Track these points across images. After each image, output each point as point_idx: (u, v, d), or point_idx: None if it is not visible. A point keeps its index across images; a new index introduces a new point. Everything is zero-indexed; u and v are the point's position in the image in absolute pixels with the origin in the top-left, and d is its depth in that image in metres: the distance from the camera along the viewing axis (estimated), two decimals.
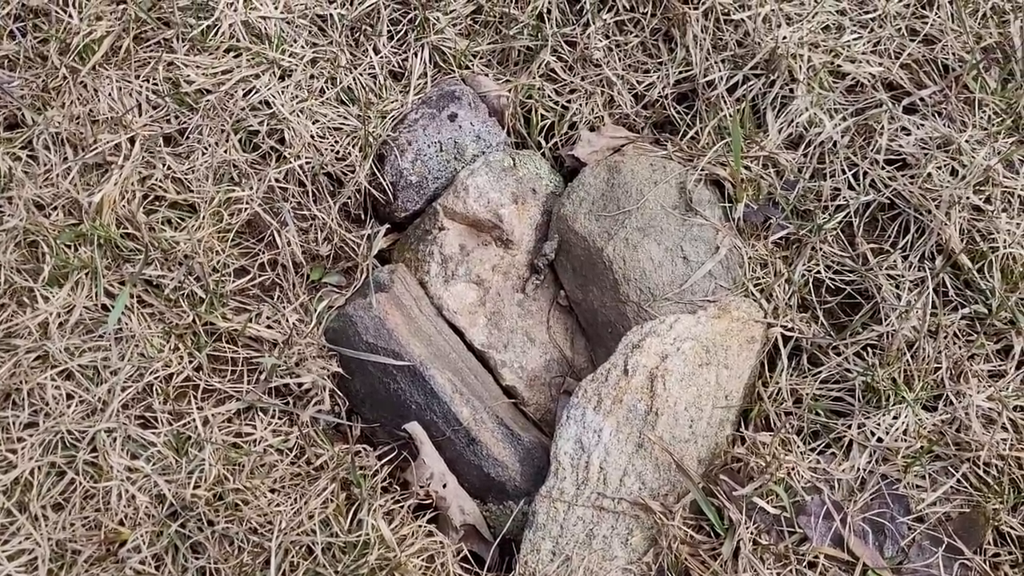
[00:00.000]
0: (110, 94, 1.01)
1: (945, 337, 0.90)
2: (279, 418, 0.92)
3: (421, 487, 0.91)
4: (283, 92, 1.03)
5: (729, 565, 0.83)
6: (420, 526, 0.89)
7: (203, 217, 0.97)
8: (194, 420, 0.88)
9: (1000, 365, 0.90)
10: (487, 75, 1.10)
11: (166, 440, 0.88)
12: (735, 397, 0.91)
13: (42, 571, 0.83)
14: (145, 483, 0.86)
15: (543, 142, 1.10)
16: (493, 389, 0.98)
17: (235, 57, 1.04)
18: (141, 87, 1.02)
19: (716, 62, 1.04)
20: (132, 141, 1.00)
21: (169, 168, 0.99)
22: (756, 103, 1.03)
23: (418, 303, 0.98)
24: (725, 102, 1.03)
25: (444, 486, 0.91)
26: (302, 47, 1.06)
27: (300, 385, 0.93)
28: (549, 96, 1.09)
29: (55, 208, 0.97)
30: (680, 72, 1.06)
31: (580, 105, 1.08)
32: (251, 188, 0.99)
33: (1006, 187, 0.94)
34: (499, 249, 1.03)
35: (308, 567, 0.84)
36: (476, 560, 0.93)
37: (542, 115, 1.09)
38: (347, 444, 0.91)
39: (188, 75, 1.03)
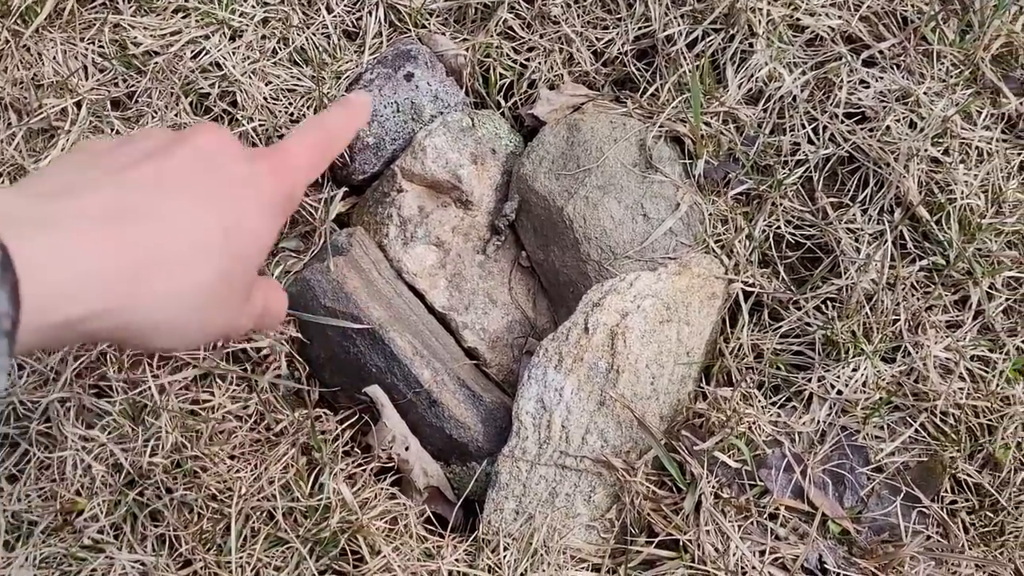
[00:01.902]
0: (54, 57, 0.99)
1: (903, 289, 0.90)
2: (237, 384, 0.90)
3: (383, 450, 0.90)
4: (234, 53, 1.01)
5: (691, 519, 0.83)
6: (383, 489, 0.89)
7: None
8: (150, 388, 0.87)
9: (957, 316, 0.90)
10: (444, 34, 1.08)
11: (121, 409, 0.87)
12: (696, 353, 0.91)
13: None
14: (101, 452, 0.85)
15: (502, 101, 1.08)
16: (455, 351, 0.97)
17: (183, 18, 1.02)
18: (87, 50, 0.99)
19: (675, 17, 1.03)
20: (79, 105, 0.97)
21: (118, 132, 0.97)
22: (716, 58, 1.02)
23: (377, 266, 0.97)
24: (685, 58, 1.02)
25: (406, 449, 0.91)
26: (252, 6, 1.03)
27: (258, 351, 0.92)
28: (507, 55, 1.07)
29: (0, 175, 0.94)
30: (639, 28, 1.05)
31: (539, 63, 1.07)
32: None
33: (964, 139, 0.94)
34: (459, 210, 1.01)
35: (269, 532, 0.83)
36: (440, 521, 0.92)
37: (501, 74, 1.07)
38: (307, 409, 0.90)
39: (135, 37, 1.00)
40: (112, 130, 0.96)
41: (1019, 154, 0.95)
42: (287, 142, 0.51)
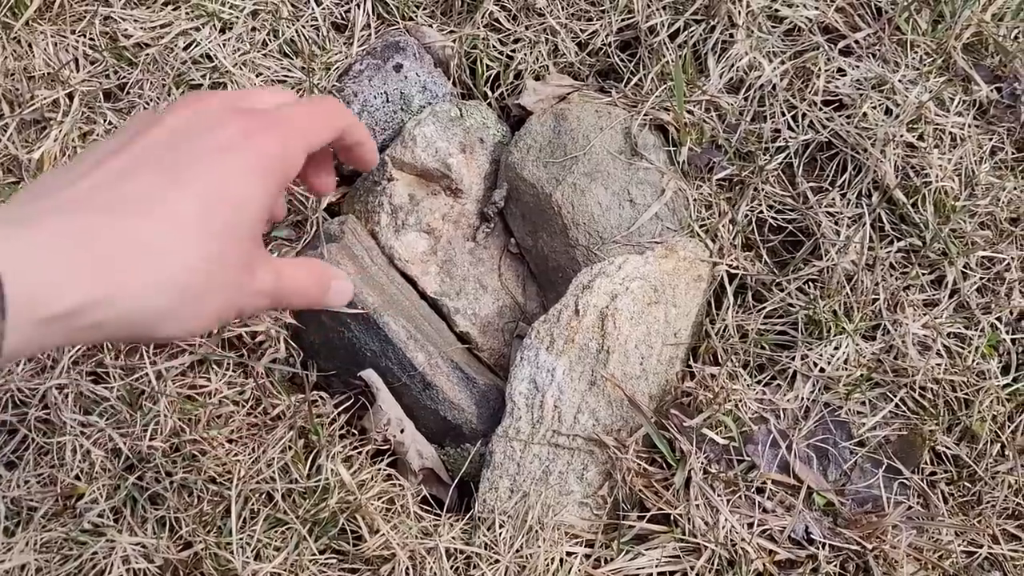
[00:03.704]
0: (45, 49, 0.99)
1: (882, 269, 0.93)
2: (234, 370, 0.92)
3: (379, 433, 0.92)
4: (225, 45, 1.02)
5: (681, 494, 0.86)
6: (379, 470, 0.90)
7: None
8: (147, 374, 0.88)
9: (934, 295, 0.93)
10: (431, 26, 1.10)
11: (119, 395, 0.87)
12: (684, 334, 0.94)
13: None
14: (100, 437, 0.86)
15: (489, 92, 1.10)
16: (447, 336, 0.99)
17: (174, 10, 1.03)
18: (78, 42, 1.00)
19: (657, 9, 1.05)
20: (71, 97, 0.98)
21: (110, 123, 0.97)
22: (697, 48, 1.04)
23: (369, 253, 0.99)
24: (667, 48, 1.04)
25: (402, 431, 0.92)
26: None
27: (254, 337, 0.93)
28: (494, 46, 1.09)
29: None
30: (622, 20, 1.07)
31: (525, 54, 1.09)
32: None
33: (938, 124, 0.98)
34: (449, 198, 1.03)
35: (269, 513, 0.84)
36: (436, 502, 0.94)
37: (487, 65, 1.09)
38: (303, 394, 0.92)
39: (126, 29, 1.01)
40: (105, 120, 0.97)
41: (990, 138, 0.98)
42: (288, 104, 0.49)
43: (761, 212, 0.98)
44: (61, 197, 0.40)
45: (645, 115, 1.00)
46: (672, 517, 0.85)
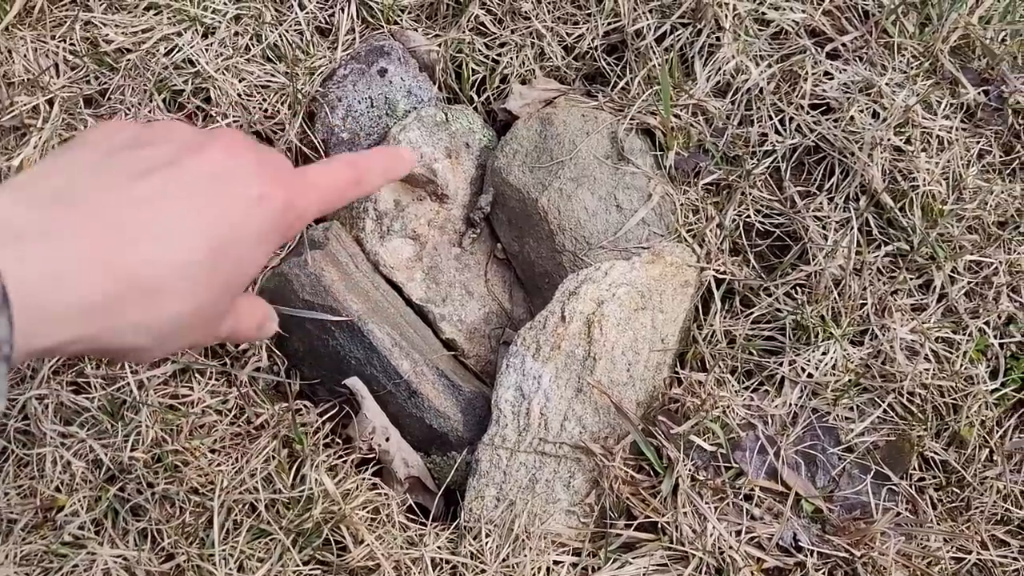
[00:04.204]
0: (25, 55, 0.98)
1: (870, 274, 0.93)
2: (216, 379, 0.91)
3: (364, 441, 0.91)
4: (207, 50, 1.01)
5: (669, 501, 0.85)
6: (364, 479, 0.89)
7: None
8: (129, 384, 0.87)
9: (922, 299, 0.93)
10: (416, 30, 1.09)
11: (100, 405, 0.86)
12: (671, 340, 0.93)
13: None
14: (81, 448, 0.85)
15: (475, 96, 1.10)
16: (433, 343, 0.98)
17: (155, 15, 1.02)
18: (58, 47, 0.99)
19: (644, 12, 1.05)
20: (51, 103, 0.97)
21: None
22: (684, 52, 1.04)
23: (354, 260, 0.98)
24: (654, 52, 1.03)
25: (387, 439, 0.92)
26: (225, 3, 1.03)
27: (237, 345, 0.92)
28: (479, 50, 1.08)
29: None
30: (609, 23, 1.07)
31: (511, 58, 1.08)
32: None
33: (925, 128, 0.97)
34: (434, 204, 1.02)
35: (252, 524, 0.83)
36: (421, 511, 0.93)
37: (473, 69, 1.09)
38: (287, 402, 0.91)
39: (107, 34, 1.00)
40: (85, 127, 0.95)
41: (978, 142, 0.98)
42: (311, 169, 0.49)
43: (748, 216, 0.98)
44: (84, 212, 0.39)
45: (632, 119, 0.99)
46: (660, 525, 0.85)
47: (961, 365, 0.90)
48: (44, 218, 0.38)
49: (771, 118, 1.00)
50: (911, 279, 0.93)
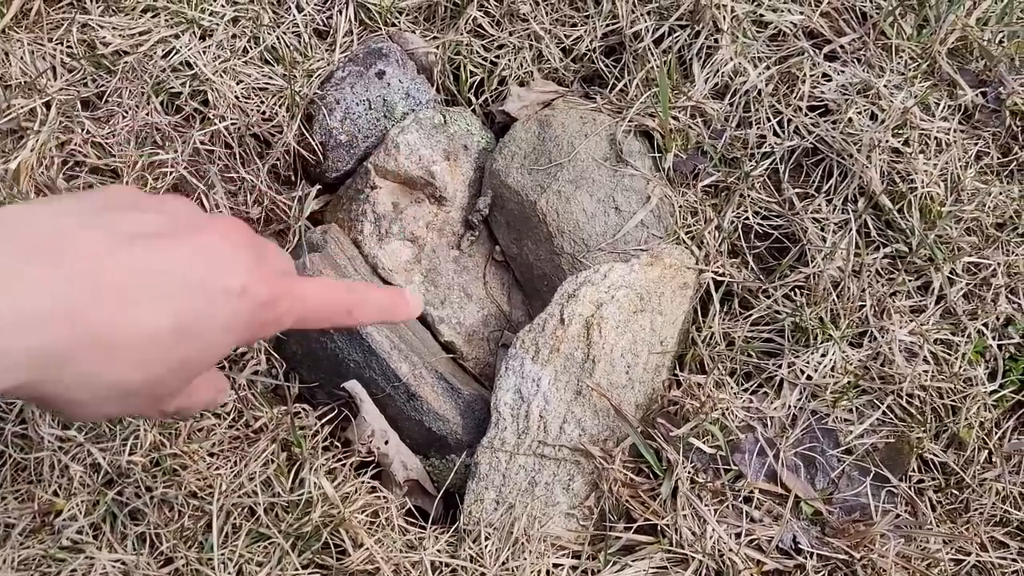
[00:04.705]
0: (22, 58, 0.98)
1: (868, 276, 0.93)
2: None
3: (363, 445, 0.91)
4: (205, 52, 1.01)
5: (668, 504, 0.85)
6: (363, 483, 0.89)
7: (127, 182, 0.95)
8: None
9: (921, 301, 0.93)
10: (414, 32, 1.09)
11: None
12: (670, 342, 0.93)
13: None
14: (78, 452, 0.84)
15: (473, 98, 1.10)
16: (432, 345, 0.98)
17: (152, 17, 1.02)
18: (55, 50, 0.99)
19: (642, 14, 1.05)
20: (48, 106, 0.96)
21: (88, 132, 0.96)
22: (682, 54, 1.04)
23: (353, 262, 0.98)
24: (652, 54, 1.03)
25: (386, 442, 0.91)
26: (222, 5, 1.03)
27: (235, 348, 0.92)
28: (477, 52, 1.08)
29: None
30: (607, 25, 1.07)
31: (509, 60, 1.08)
32: (175, 151, 0.97)
33: (923, 129, 0.97)
34: (433, 206, 1.02)
35: (251, 528, 0.83)
36: (421, 514, 0.93)
37: (471, 71, 1.08)
38: (285, 405, 0.91)
39: (104, 37, 0.99)
40: (83, 130, 0.95)
41: (976, 143, 0.98)
42: (307, 282, 0.48)
43: (747, 218, 0.98)
44: (64, 268, 0.38)
45: (630, 121, 0.99)
46: (659, 528, 0.85)
47: (960, 367, 0.90)
48: (22, 261, 0.37)
49: (769, 120, 1.00)
50: (910, 281, 0.93)
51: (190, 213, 0.45)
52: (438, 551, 0.85)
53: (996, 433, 0.89)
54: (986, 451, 0.89)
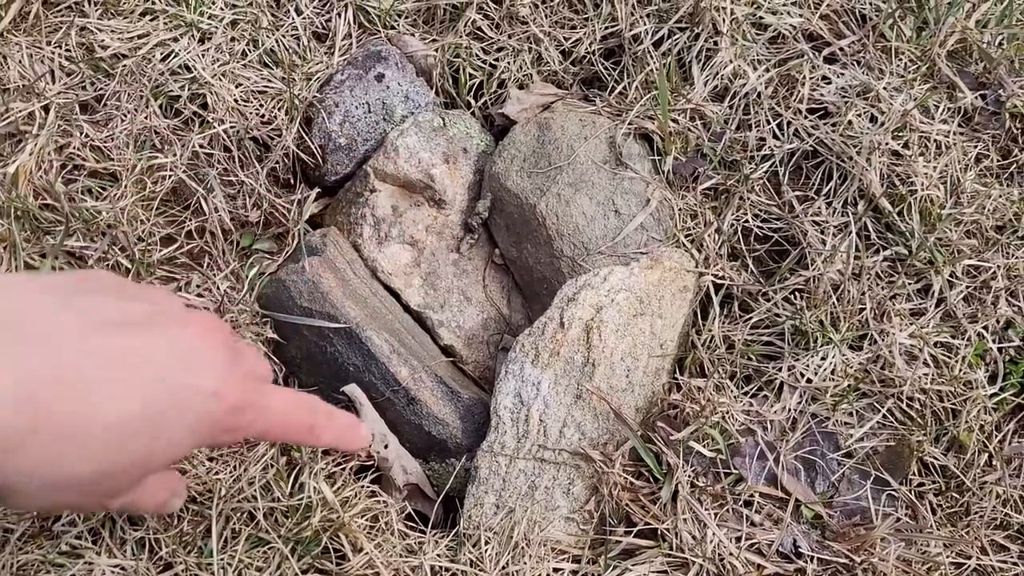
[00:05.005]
0: (20, 61, 0.98)
1: (868, 279, 0.93)
2: None
3: (362, 449, 0.90)
4: (203, 55, 1.01)
5: (668, 508, 0.85)
6: (363, 487, 0.89)
7: (125, 185, 0.95)
8: None
9: (921, 303, 0.93)
10: (413, 35, 1.09)
11: None
12: (670, 346, 0.93)
13: None
14: None
15: (472, 101, 1.09)
16: (431, 349, 0.98)
17: (151, 20, 1.01)
18: (53, 53, 0.99)
19: (641, 16, 1.05)
20: (46, 109, 0.96)
21: (87, 136, 0.96)
22: (681, 56, 1.04)
23: (352, 266, 0.98)
24: (651, 56, 1.03)
25: (385, 447, 0.91)
26: (221, 8, 1.03)
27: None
28: (477, 55, 1.08)
29: None
30: (606, 27, 1.07)
31: (508, 63, 1.08)
32: (174, 155, 0.97)
33: (923, 132, 0.97)
34: (432, 209, 1.02)
35: (250, 533, 0.83)
36: (420, 518, 0.93)
37: (470, 74, 1.08)
38: None
39: (102, 40, 0.99)
40: (81, 133, 0.95)
41: (975, 146, 0.98)
42: (276, 393, 0.48)
43: (747, 221, 0.98)
44: (33, 358, 0.37)
45: (630, 124, 0.99)
46: (659, 532, 0.85)
47: (960, 370, 0.90)
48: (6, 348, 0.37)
49: (769, 122, 0.99)
50: (910, 283, 0.93)
51: (171, 305, 0.44)
52: (438, 555, 0.85)
53: (996, 436, 0.89)
54: (986, 454, 0.88)
